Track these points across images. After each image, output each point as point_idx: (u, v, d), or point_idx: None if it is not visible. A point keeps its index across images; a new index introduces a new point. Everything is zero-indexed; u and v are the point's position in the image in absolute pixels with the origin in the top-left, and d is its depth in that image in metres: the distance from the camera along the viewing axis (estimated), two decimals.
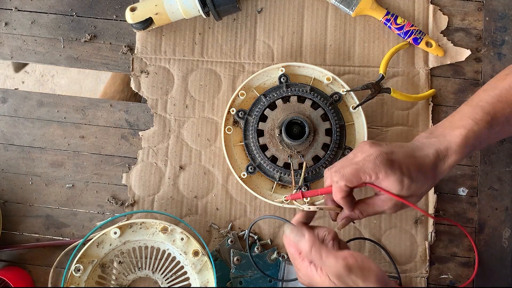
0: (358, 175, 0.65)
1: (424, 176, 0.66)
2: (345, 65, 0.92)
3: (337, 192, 0.67)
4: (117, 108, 0.92)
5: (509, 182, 0.90)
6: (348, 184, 0.66)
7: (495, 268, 0.89)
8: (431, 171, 0.67)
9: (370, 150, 0.66)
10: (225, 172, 0.90)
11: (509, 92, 0.69)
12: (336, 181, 0.66)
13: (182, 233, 0.84)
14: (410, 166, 0.65)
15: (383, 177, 0.64)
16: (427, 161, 0.66)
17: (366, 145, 0.67)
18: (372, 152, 0.66)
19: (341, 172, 0.66)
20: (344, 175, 0.65)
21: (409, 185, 0.65)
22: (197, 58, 0.92)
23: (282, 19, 0.93)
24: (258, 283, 0.86)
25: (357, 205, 0.70)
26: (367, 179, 0.65)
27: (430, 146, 0.67)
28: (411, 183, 0.65)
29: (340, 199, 0.68)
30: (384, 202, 0.68)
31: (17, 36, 0.93)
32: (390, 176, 0.64)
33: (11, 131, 0.92)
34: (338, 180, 0.66)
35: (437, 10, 0.93)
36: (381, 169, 0.64)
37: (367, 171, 0.65)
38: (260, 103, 0.87)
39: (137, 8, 0.87)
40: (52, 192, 0.91)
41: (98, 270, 0.86)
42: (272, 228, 0.89)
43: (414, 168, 0.65)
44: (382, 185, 0.66)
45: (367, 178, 0.65)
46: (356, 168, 0.65)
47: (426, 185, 0.67)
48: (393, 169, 0.64)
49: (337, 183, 0.66)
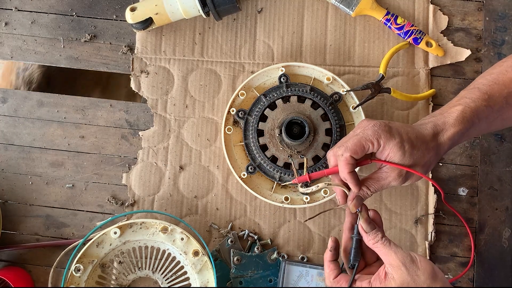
0: (361, 144, 0.66)
1: (425, 144, 0.67)
2: (345, 65, 0.92)
3: (343, 166, 0.67)
4: (117, 108, 0.92)
5: (509, 182, 0.90)
6: (353, 155, 0.66)
7: (495, 268, 0.89)
8: (432, 141, 0.68)
9: (368, 122, 0.68)
10: (225, 172, 0.90)
11: (505, 75, 0.71)
12: (341, 154, 0.67)
13: (182, 233, 0.84)
14: (409, 133, 0.67)
15: (384, 143, 0.66)
16: (425, 132, 0.68)
17: (364, 121, 0.69)
18: (369, 123, 0.68)
19: (345, 145, 0.67)
20: (348, 147, 0.66)
21: (410, 150, 0.66)
22: (197, 58, 0.92)
23: (282, 19, 0.93)
24: (258, 283, 0.86)
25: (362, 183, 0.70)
26: (370, 148, 0.66)
27: (428, 123, 0.69)
28: (412, 149, 0.66)
29: (347, 174, 0.68)
30: (388, 173, 0.68)
31: (17, 36, 0.93)
32: (391, 141, 0.66)
33: (11, 131, 0.92)
34: (343, 153, 0.67)
35: (437, 10, 0.93)
36: (381, 134, 0.66)
37: (368, 138, 0.66)
38: (260, 103, 0.87)
39: (137, 8, 0.87)
40: (52, 192, 0.91)
41: (98, 270, 0.86)
42: (272, 228, 0.89)
43: (413, 135, 0.67)
44: (384, 153, 0.67)
45: (369, 146, 0.66)
46: (358, 138, 0.66)
47: (429, 155, 0.68)
48: (392, 134, 0.66)
49: (342, 156, 0.67)
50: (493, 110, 0.70)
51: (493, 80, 0.71)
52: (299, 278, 0.86)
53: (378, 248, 0.65)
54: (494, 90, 0.70)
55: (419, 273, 0.61)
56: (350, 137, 0.68)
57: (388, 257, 0.63)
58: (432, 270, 0.61)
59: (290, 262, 0.86)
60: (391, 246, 0.64)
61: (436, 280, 0.61)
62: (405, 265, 0.61)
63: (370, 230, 0.66)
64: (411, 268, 0.61)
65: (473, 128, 0.70)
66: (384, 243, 0.64)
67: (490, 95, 0.70)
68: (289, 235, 0.89)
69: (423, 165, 0.68)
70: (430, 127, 0.68)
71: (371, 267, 0.68)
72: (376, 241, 0.65)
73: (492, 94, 0.70)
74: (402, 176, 0.68)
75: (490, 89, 0.70)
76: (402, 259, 0.62)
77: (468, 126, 0.69)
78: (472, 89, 0.71)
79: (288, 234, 0.89)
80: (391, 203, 0.89)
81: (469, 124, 0.69)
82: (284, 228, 0.89)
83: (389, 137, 0.66)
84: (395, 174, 0.68)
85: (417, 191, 0.90)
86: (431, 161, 0.69)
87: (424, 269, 0.61)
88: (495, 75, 0.72)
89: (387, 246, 0.64)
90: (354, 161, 0.67)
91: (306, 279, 0.86)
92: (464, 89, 0.74)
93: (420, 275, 0.61)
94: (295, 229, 0.89)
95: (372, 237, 0.65)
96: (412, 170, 0.67)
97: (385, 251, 0.64)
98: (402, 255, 0.62)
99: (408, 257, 0.62)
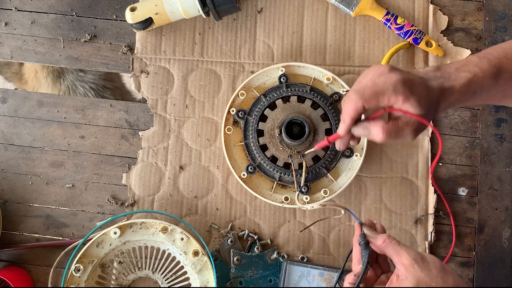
0: (377, 97, 0.65)
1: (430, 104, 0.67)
2: (345, 65, 0.92)
3: (350, 109, 0.66)
4: (117, 108, 0.92)
5: (509, 182, 0.90)
6: (365, 105, 0.65)
7: (495, 268, 0.89)
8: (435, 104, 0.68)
9: (390, 74, 0.66)
10: (225, 172, 0.90)
11: None
12: (353, 99, 0.65)
13: (182, 233, 0.84)
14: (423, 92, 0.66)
15: (403, 100, 0.65)
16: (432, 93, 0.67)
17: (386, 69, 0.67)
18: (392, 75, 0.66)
19: (361, 92, 0.65)
20: (363, 95, 0.65)
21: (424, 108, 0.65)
22: (197, 58, 0.92)
23: (282, 19, 0.93)
24: (258, 283, 0.86)
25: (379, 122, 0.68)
26: (385, 102, 0.65)
27: (435, 80, 0.68)
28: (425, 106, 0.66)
29: (350, 120, 0.67)
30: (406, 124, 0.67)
31: (17, 36, 0.93)
32: (410, 98, 0.65)
33: (11, 131, 0.92)
34: (357, 100, 0.65)
35: (437, 10, 0.93)
36: (401, 92, 0.65)
37: (387, 94, 0.65)
38: (260, 103, 0.87)
39: (137, 8, 0.87)
40: (52, 192, 0.91)
41: (98, 270, 0.86)
42: (272, 228, 0.89)
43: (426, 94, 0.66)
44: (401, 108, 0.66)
45: (385, 101, 0.65)
46: (376, 90, 0.65)
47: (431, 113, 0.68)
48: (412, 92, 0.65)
49: (354, 102, 0.65)
50: (497, 85, 0.70)
51: (504, 54, 0.70)
52: (301, 278, 0.86)
53: (388, 248, 0.65)
54: (503, 64, 0.69)
55: (431, 267, 0.62)
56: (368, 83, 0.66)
57: (400, 256, 0.63)
58: (441, 264, 0.63)
59: (291, 262, 0.86)
60: (401, 246, 0.64)
61: (446, 273, 0.62)
62: (418, 262, 0.62)
63: (375, 236, 0.67)
64: (423, 264, 0.62)
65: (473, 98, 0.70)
66: (393, 243, 0.65)
67: (499, 68, 0.69)
68: (289, 235, 0.89)
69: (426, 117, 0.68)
70: (436, 86, 0.68)
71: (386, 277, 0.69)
72: (384, 240, 0.65)
73: (500, 68, 0.69)
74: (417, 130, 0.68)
75: (500, 63, 0.69)
76: (414, 256, 0.62)
77: (470, 96, 0.69)
78: (482, 57, 0.70)
79: (288, 234, 0.89)
80: (391, 203, 0.89)
81: (471, 94, 0.69)
82: (284, 228, 0.89)
83: (409, 95, 0.65)
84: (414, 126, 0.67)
85: (417, 191, 0.90)
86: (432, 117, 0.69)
87: (435, 264, 0.62)
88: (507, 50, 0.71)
89: (397, 245, 0.64)
90: (363, 110, 0.66)
91: (308, 279, 0.86)
92: (474, 54, 0.72)
93: (432, 269, 0.62)
94: (295, 229, 0.89)
95: (381, 239, 0.65)
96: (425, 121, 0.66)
97: (396, 250, 0.64)
98: (413, 253, 0.63)
99: (419, 255, 0.63)
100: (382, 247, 0.65)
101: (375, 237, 0.67)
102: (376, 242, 0.66)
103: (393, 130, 0.67)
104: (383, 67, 0.68)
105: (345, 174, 0.88)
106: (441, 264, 0.63)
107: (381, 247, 0.66)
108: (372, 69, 0.68)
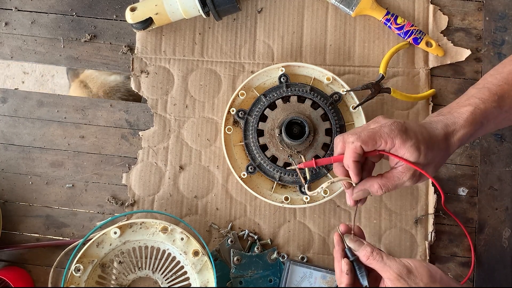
0: (374, 138, 0.65)
1: (437, 145, 0.67)
2: (345, 65, 0.92)
3: (350, 153, 0.66)
4: (117, 108, 0.92)
5: (509, 182, 0.90)
6: (364, 146, 0.65)
7: (495, 268, 0.89)
8: (443, 142, 0.67)
9: (384, 120, 0.67)
10: (225, 172, 0.90)
11: None
12: (351, 141, 0.65)
13: (182, 233, 0.84)
14: (423, 134, 0.66)
15: (399, 144, 0.64)
16: (437, 133, 0.67)
17: (381, 117, 0.68)
18: (386, 121, 0.67)
19: (358, 134, 0.65)
20: (360, 137, 0.65)
21: (426, 151, 0.65)
22: (197, 58, 0.92)
23: (282, 19, 0.93)
24: (258, 283, 0.86)
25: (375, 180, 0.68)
26: (383, 145, 0.65)
27: (438, 122, 0.68)
28: (427, 150, 0.65)
29: (352, 163, 0.66)
30: (403, 173, 0.67)
31: (17, 36, 0.93)
32: (407, 142, 0.64)
33: (11, 131, 0.92)
34: (354, 141, 0.65)
35: (437, 10, 0.93)
36: (397, 135, 0.64)
37: (383, 136, 0.65)
38: (260, 103, 0.87)
39: (137, 8, 0.87)
40: (52, 192, 0.91)
41: (98, 270, 0.86)
42: (272, 228, 0.89)
43: (427, 136, 0.66)
44: (398, 153, 0.66)
45: (382, 144, 0.65)
46: (373, 132, 0.65)
47: (440, 155, 0.67)
48: (409, 136, 0.65)
49: (352, 143, 0.65)
50: (502, 111, 0.69)
51: (503, 80, 0.70)
52: (303, 279, 0.86)
53: (372, 265, 0.64)
54: (504, 90, 0.69)
55: (417, 281, 0.61)
56: (364, 128, 0.67)
57: (385, 272, 0.62)
58: (429, 273, 0.61)
59: (294, 263, 0.86)
60: (384, 260, 0.63)
61: (435, 281, 0.61)
62: (403, 277, 0.61)
63: (358, 248, 0.65)
64: (409, 278, 0.61)
65: (482, 128, 0.69)
66: (376, 258, 0.63)
67: (500, 96, 0.69)
68: (289, 235, 0.89)
69: (435, 165, 0.68)
70: (440, 127, 0.67)
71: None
72: (367, 257, 0.64)
73: (502, 95, 0.69)
74: (416, 176, 0.67)
75: (500, 90, 0.69)
76: (398, 271, 0.61)
77: (477, 127, 0.68)
78: (481, 88, 0.70)
79: (288, 234, 0.89)
80: (391, 203, 0.89)
81: (479, 126, 0.68)
82: (284, 228, 0.89)
83: (405, 138, 0.64)
84: (410, 174, 0.67)
85: (417, 191, 0.90)
86: (442, 161, 0.69)
87: (422, 275, 0.61)
88: (505, 75, 0.71)
89: (379, 261, 0.63)
90: (362, 152, 0.66)
91: (309, 281, 0.85)
92: (472, 86, 0.72)
93: (419, 282, 0.61)
94: (295, 229, 0.89)
95: (363, 254, 0.64)
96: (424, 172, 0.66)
97: (379, 266, 0.63)
98: (397, 267, 0.61)
99: (404, 268, 0.61)
100: (366, 262, 0.64)
101: (358, 250, 0.65)
102: (360, 256, 0.65)
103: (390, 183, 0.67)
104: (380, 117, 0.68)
105: None
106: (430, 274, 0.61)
107: (364, 261, 0.64)
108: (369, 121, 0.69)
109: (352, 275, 0.65)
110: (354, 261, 0.65)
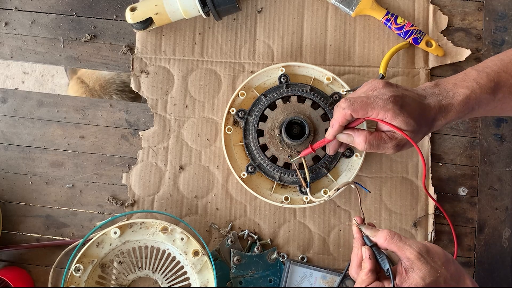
0: (366, 109, 0.67)
1: (425, 121, 0.69)
2: (345, 65, 0.92)
3: (339, 117, 0.70)
4: (117, 108, 0.92)
5: (509, 182, 0.90)
6: (353, 114, 0.68)
7: (495, 268, 0.89)
8: (431, 121, 0.69)
9: (384, 89, 0.69)
10: (225, 172, 0.90)
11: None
12: (343, 108, 0.69)
13: (182, 233, 0.84)
14: (416, 110, 0.68)
15: (390, 117, 0.67)
16: (428, 110, 0.69)
17: (380, 84, 0.70)
18: (385, 91, 0.68)
19: (351, 101, 0.68)
20: (352, 104, 0.68)
21: (413, 126, 0.67)
22: (197, 58, 0.92)
23: (282, 19, 0.93)
24: (258, 283, 0.86)
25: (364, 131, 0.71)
26: (373, 115, 0.68)
27: (433, 96, 0.70)
28: (416, 124, 0.67)
29: (338, 126, 0.71)
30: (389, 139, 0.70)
31: (17, 36, 0.93)
32: (399, 117, 0.67)
33: (11, 131, 0.92)
34: (346, 108, 0.68)
35: (437, 10, 0.93)
36: (391, 109, 0.67)
37: (376, 108, 0.67)
38: (260, 103, 0.87)
39: (137, 8, 0.87)
40: (52, 192, 0.91)
41: (98, 270, 0.86)
42: (272, 228, 0.89)
43: (420, 111, 0.68)
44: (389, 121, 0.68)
45: (373, 115, 0.68)
46: (366, 103, 0.68)
47: (425, 128, 0.70)
48: (402, 111, 0.67)
49: (343, 109, 0.69)
50: (494, 99, 0.70)
51: (503, 68, 0.71)
52: (303, 279, 0.86)
53: (392, 245, 0.65)
54: (501, 78, 0.70)
55: (436, 259, 0.63)
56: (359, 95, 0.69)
57: (404, 251, 0.64)
58: (444, 253, 0.64)
59: (294, 263, 0.86)
60: (403, 240, 0.65)
61: (449, 262, 0.64)
62: (423, 256, 0.63)
63: (375, 233, 0.67)
64: (429, 256, 0.63)
65: (471, 113, 0.71)
66: (394, 239, 0.65)
67: (497, 83, 0.70)
68: (289, 235, 0.89)
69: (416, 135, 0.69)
70: (433, 104, 0.69)
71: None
72: (385, 238, 0.65)
73: (498, 82, 0.70)
74: (400, 145, 0.70)
75: (498, 77, 0.70)
76: (418, 249, 0.63)
77: (468, 111, 0.70)
78: (481, 72, 0.71)
79: (288, 234, 0.89)
80: (391, 203, 0.89)
81: (469, 110, 0.70)
82: (284, 228, 0.89)
83: (398, 113, 0.66)
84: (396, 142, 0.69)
85: (417, 191, 0.90)
86: (425, 134, 0.71)
87: (439, 255, 0.63)
88: (506, 63, 0.71)
89: (398, 241, 0.65)
90: (351, 118, 0.69)
91: (310, 281, 0.85)
92: (472, 67, 0.73)
93: (437, 260, 0.63)
94: (295, 229, 0.89)
95: (381, 236, 0.66)
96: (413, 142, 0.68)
97: (398, 247, 0.64)
98: (417, 246, 0.63)
99: (424, 247, 0.63)
100: (385, 245, 0.66)
101: (375, 235, 0.67)
102: (378, 240, 0.67)
103: (375, 141, 0.70)
104: (378, 82, 0.70)
105: (345, 174, 0.88)
106: (444, 254, 0.64)
107: (383, 245, 0.66)
108: (369, 83, 0.71)
109: (374, 260, 0.66)
110: (373, 247, 0.67)
